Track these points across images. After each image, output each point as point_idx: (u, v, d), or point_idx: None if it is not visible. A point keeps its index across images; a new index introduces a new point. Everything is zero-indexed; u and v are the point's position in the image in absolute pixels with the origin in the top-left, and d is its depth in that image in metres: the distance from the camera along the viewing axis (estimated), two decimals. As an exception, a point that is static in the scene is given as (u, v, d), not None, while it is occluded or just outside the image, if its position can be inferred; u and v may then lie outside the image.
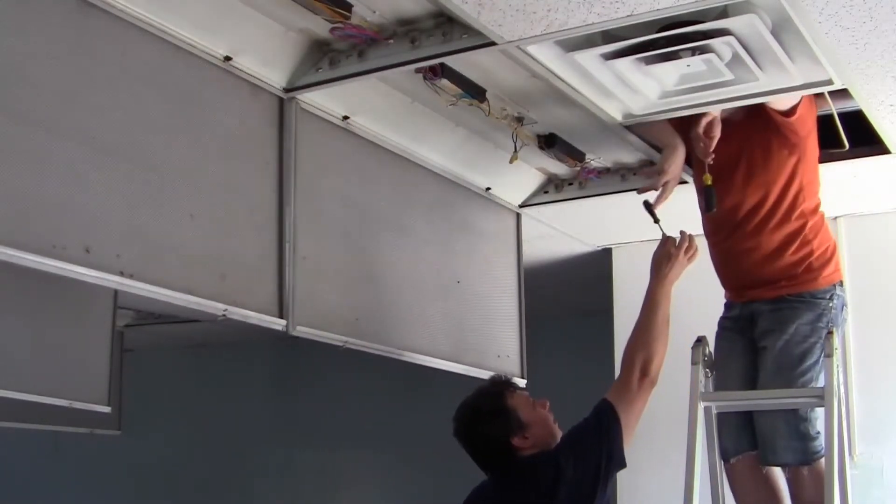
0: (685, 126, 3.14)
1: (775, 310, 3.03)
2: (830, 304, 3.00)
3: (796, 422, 2.93)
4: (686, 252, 3.00)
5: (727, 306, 3.22)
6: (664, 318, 2.87)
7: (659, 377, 2.81)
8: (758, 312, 3.07)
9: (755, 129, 3.05)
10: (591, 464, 2.63)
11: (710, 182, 3.04)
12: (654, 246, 3.07)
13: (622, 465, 2.69)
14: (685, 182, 3.39)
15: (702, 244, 3.16)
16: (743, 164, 3.09)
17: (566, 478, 2.61)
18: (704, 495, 2.96)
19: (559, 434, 2.77)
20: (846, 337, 3.86)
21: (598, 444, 2.65)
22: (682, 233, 3.04)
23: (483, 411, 2.77)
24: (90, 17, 2.40)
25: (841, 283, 3.08)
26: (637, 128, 3.22)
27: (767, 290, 3.06)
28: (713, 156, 3.05)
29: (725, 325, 3.18)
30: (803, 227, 3.04)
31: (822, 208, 3.15)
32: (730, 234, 3.14)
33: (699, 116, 3.04)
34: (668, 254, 2.99)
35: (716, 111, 3.03)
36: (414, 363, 3.37)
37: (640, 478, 4.24)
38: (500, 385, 2.86)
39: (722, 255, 3.19)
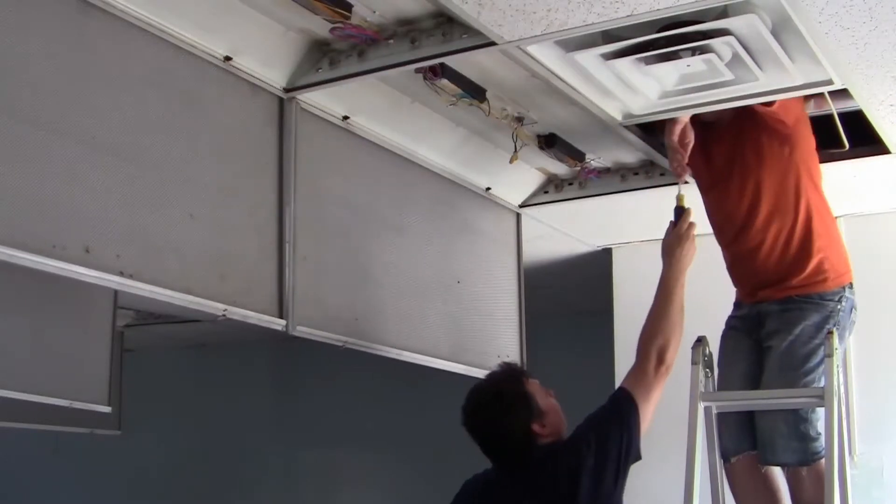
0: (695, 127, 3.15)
1: (784, 311, 3.02)
2: (839, 307, 2.99)
3: (796, 422, 2.93)
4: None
5: (736, 305, 3.21)
6: (679, 305, 2.81)
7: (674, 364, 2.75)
8: (766, 313, 3.06)
9: (744, 127, 3.05)
10: (612, 453, 2.57)
11: (684, 203, 3.02)
12: (654, 246, 3.07)
13: (638, 456, 2.65)
14: (686, 182, 3.39)
15: (706, 245, 3.16)
16: (737, 164, 3.09)
17: (587, 467, 2.55)
18: (704, 495, 2.96)
19: (565, 422, 2.73)
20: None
21: (619, 434, 2.60)
22: (685, 212, 2.96)
23: (505, 397, 2.67)
24: (90, 17, 2.40)
25: (851, 286, 3.06)
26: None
27: (777, 290, 3.05)
28: (689, 172, 3.06)
29: (733, 324, 3.17)
30: (809, 221, 3.02)
31: (829, 209, 3.14)
32: (736, 235, 3.14)
33: (672, 124, 3.03)
34: (678, 236, 2.93)
35: (685, 117, 3.02)
36: (414, 363, 3.37)
37: (640, 478, 4.22)
38: (516, 371, 2.79)
39: (731, 257, 3.20)
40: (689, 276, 3.12)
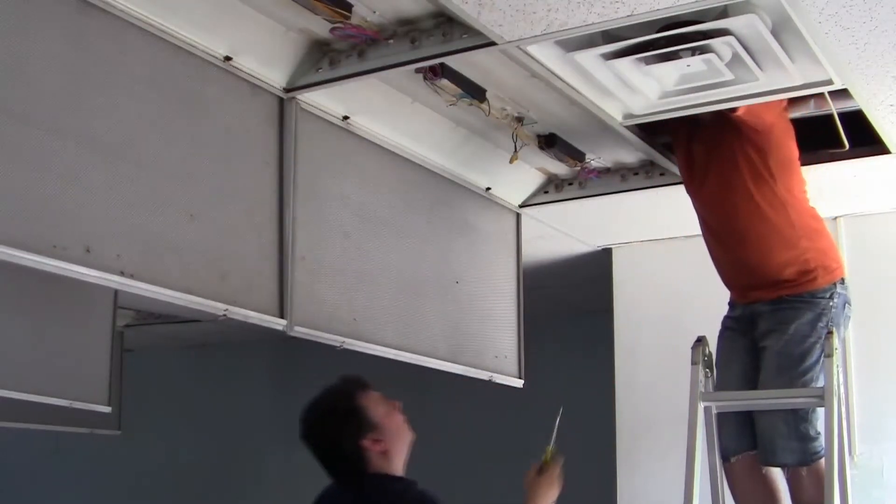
0: (683, 126, 3.16)
1: (775, 310, 3.03)
2: (831, 304, 3.00)
3: (796, 422, 2.93)
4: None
5: (731, 305, 3.22)
6: None
7: None
8: (758, 313, 3.08)
9: (718, 131, 3.08)
10: None
11: (548, 459, 2.76)
12: (654, 246, 3.08)
13: None
14: (680, 184, 3.39)
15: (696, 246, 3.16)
16: (713, 168, 3.12)
17: None
18: (704, 495, 2.96)
19: (411, 439, 2.64)
20: (847, 336, 3.86)
21: None
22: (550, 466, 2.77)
23: (333, 411, 2.58)
24: (90, 17, 2.40)
25: (843, 281, 3.07)
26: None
27: (767, 291, 3.06)
28: None
29: (728, 324, 3.18)
30: (790, 223, 3.03)
31: (814, 207, 3.13)
32: (720, 240, 3.16)
33: None
34: (551, 481, 2.72)
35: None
36: (412, 364, 3.37)
37: (640, 478, 4.24)
38: (351, 384, 2.64)
39: (718, 260, 3.21)
40: (689, 276, 3.13)
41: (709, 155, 3.12)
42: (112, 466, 7.15)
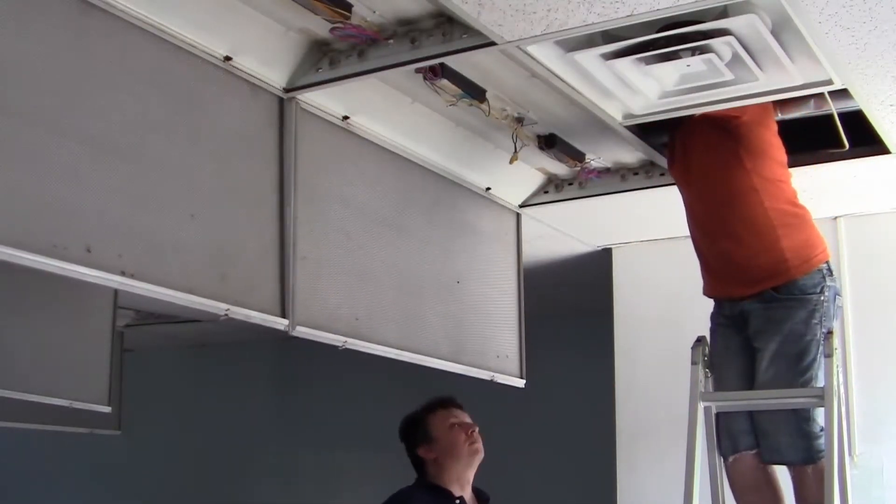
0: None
1: (767, 308, 3.00)
2: (822, 298, 2.97)
3: (798, 422, 2.93)
4: None
5: (718, 302, 3.20)
6: None
7: None
8: (749, 311, 3.05)
9: (702, 127, 3.10)
10: None
11: None
12: (654, 246, 3.08)
13: None
14: (672, 184, 3.39)
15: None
16: (695, 158, 3.13)
17: None
18: (704, 495, 2.96)
19: (471, 454, 3.07)
20: (846, 337, 3.86)
21: None
22: None
23: (404, 422, 3.15)
24: (90, 17, 2.40)
25: (830, 272, 3.03)
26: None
27: (748, 287, 3.03)
28: None
29: (720, 321, 3.15)
30: (762, 211, 3.01)
31: (797, 199, 3.11)
32: (705, 236, 3.16)
33: None
34: None
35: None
36: (413, 363, 3.37)
37: (640, 478, 4.24)
38: (431, 401, 3.15)
39: (702, 257, 3.20)
40: (689, 275, 3.12)
41: (692, 145, 3.15)
42: (112, 466, 7.15)
